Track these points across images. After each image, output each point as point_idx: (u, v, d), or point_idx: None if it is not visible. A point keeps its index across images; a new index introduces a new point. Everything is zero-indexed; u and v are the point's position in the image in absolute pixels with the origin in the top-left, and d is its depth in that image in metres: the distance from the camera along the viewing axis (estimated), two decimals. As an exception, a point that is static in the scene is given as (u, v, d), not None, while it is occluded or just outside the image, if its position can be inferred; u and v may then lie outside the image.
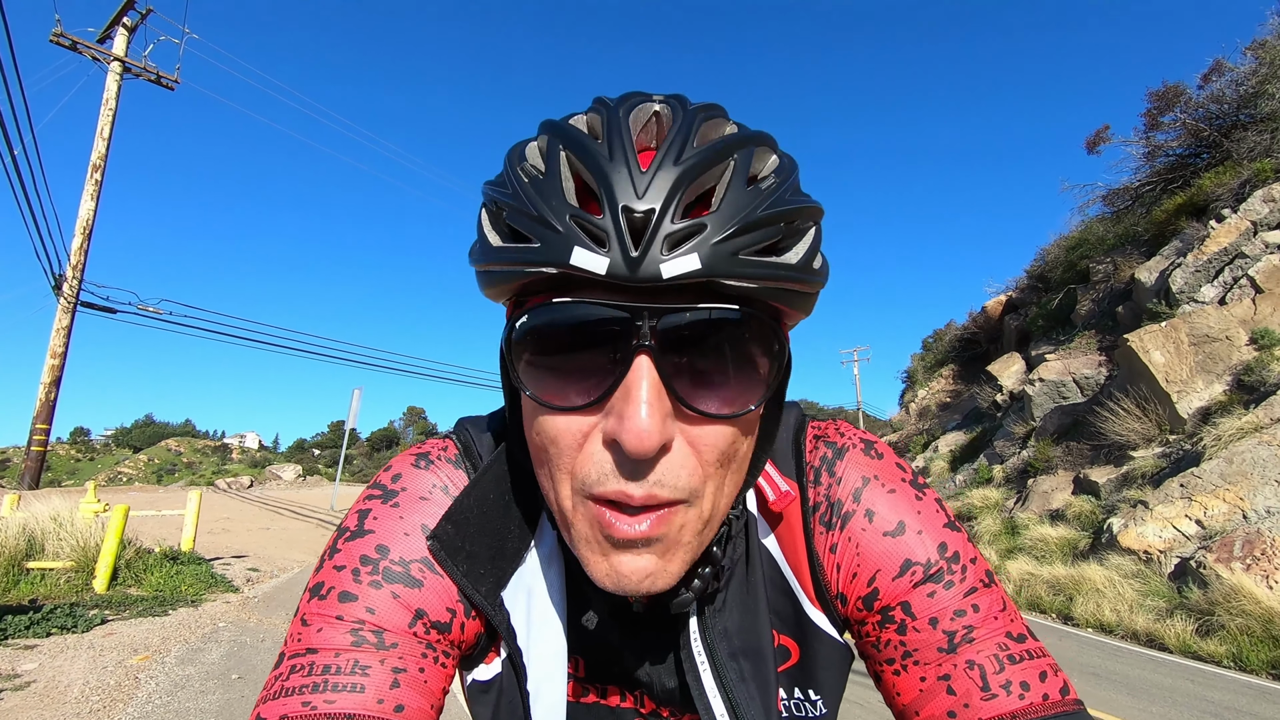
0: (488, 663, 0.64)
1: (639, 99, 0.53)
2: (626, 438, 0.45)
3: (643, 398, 0.45)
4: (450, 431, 0.71)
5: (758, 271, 0.47)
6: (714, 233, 0.45)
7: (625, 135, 0.48)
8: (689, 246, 0.45)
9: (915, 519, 0.64)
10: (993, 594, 0.62)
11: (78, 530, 7.95)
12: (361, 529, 0.60)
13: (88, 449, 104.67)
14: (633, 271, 0.44)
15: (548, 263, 0.46)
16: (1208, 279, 13.81)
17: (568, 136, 0.50)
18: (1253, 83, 15.74)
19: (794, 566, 0.67)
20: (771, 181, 0.50)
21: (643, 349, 0.46)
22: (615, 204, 0.45)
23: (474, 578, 0.59)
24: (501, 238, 0.51)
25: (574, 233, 0.46)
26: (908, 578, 0.62)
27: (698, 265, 0.44)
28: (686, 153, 0.47)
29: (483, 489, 0.63)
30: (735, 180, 0.48)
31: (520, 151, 0.54)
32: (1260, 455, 9.63)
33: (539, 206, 0.48)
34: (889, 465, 0.68)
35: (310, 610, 0.56)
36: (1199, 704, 5.56)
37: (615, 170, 0.46)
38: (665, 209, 0.45)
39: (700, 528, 0.52)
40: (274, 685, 0.53)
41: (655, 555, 0.50)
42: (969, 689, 0.57)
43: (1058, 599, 9.54)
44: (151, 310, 16.03)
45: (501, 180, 0.53)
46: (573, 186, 0.49)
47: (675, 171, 0.46)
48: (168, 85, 17.51)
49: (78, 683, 4.60)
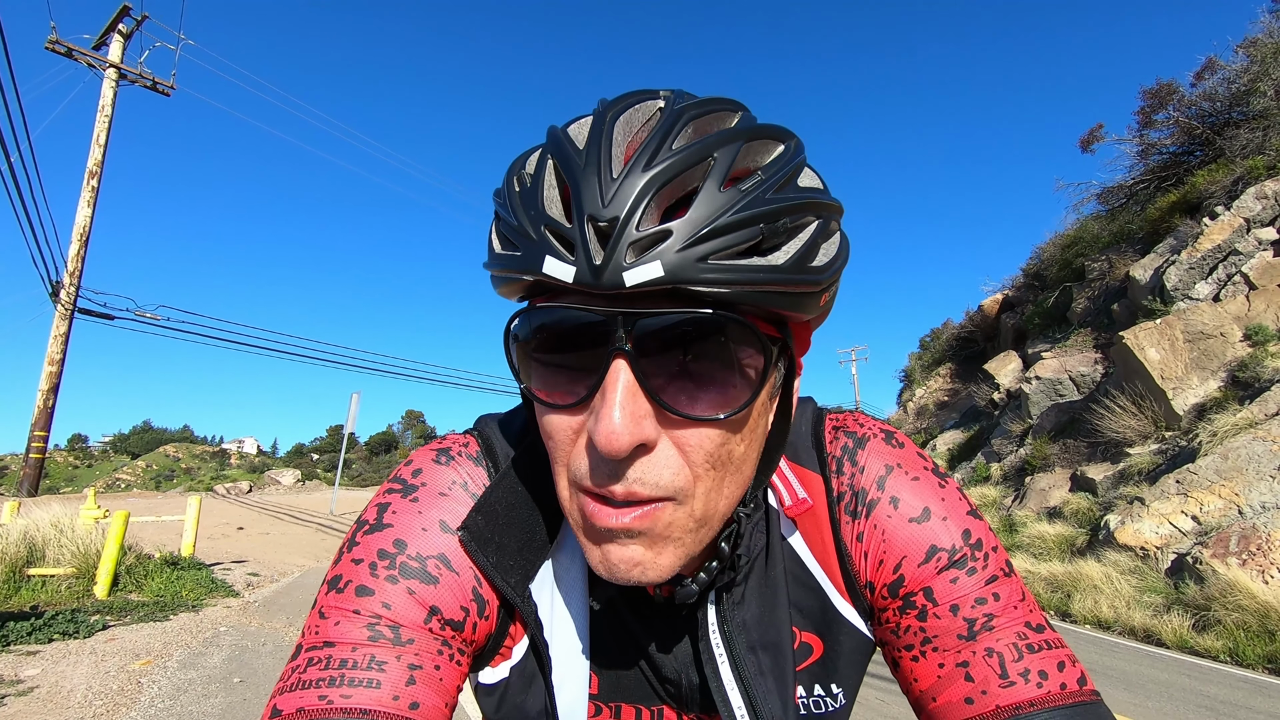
0: (495, 665, 0.64)
1: (635, 99, 0.52)
2: (598, 438, 0.46)
3: (616, 400, 0.46)
4: (471, 428, 0.71)
5: (730, 276, 0.46)
6: (679, 239, 0.45)
7: (605, 140, 0.48)
8: (654, 253, 0.45)
9: (940, 505, 0.65)
10: (1013, 583, 0.62)
11: (78, 537, 7.95)
12: (380, 522, 0.60)
13: (86, 455, 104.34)
14: (597, 279, 0.45)
15: (525, 270, 0.48)
16: (1202, 276, 13.88)
17: (556, 145, 0.51)
18: (1245, 80, 15.83)
19: (820, 558, 0.68)
20: (758, 180, 0.49)
21: (619, 352, 0.47)
22: (582, 212, 0.46)
23: (504, 569, 0.60)
24: (502, 245, 0.53)
25: (546, 241, 0.47)
26: (933, 564, 0.62)
27: (660, 273, 0.44)
28: (661, 155, 0.47)
29: (509, 483, 0.63)
30: (710, 182, 0.47)
31: (521, 161, 0.55)
32: (1255, 451, 9.68)
33: (520, 216, 0.50)
34: (910, 454, 0.69)
35: (328, 603, 0.56)
36: (1196, 699, 5.59)
37: (585, 178, 0.47)
38: (630, 216, 0.45)
39: (694, 526, 0.52)
40: (291, 677, 0.53)
41: (642, 547, 0.51)
42: (987, 676, 0.57)
43: (1055, 596, 9.56)
44: (149, 316, 16.02)
45: (501, 190, 0.55)
46: (558, 195, 0.50)
47: (644, 177, 0.46)
48: (164, 91, 17.50)
49: (80, 688, 4.61)
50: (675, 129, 0.49)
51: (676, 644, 0.66)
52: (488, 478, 0.65)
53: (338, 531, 18.96)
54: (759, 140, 0.51)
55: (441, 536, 0.60)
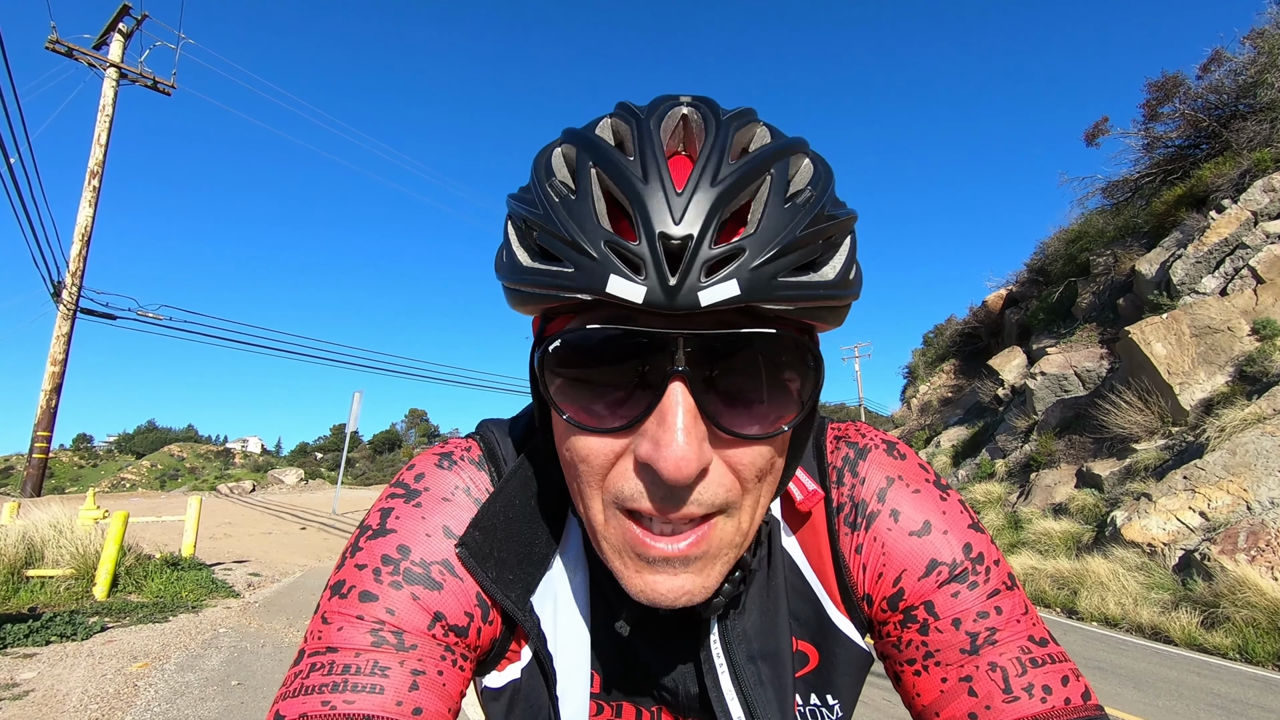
0: (500, 669, 0.64)
1: (667, 104, 0.51)
2: (664, 466, 0.45)
3: (679, 425, 0.45)
4: (473, 433, 0.71)
5: (796, 293, 0.46)
6: (753, 256, 0.44)
7: (658, 151, 0.47)
8: (728, 272, 0.43)
9: (940, 519, 0.64)
10: (1015, 596, 0.61)
11: (77, 537, 7.95)
12: (384, 528, 0.60)
13: (90, 455, 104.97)
14: (670, 300, 0.43)
15: (583, 289, 0.45)
16: (1208, 270, 13.76)
17: (597, 152, 0.49)
18: (1251, 72, 15.66)
19: (817, 569, 0.67)
20: (808, 195, 0.49)
21: (677, 374, 0.46)
22: (652, 230, 0.43)
23: (503, 583, 0.59)
24: (531, 256, 0.49)
25: (609, 260, 0.44)
26: (933, 578, 0.61)
27: (737, 292, 0.43)
28: (723, 170, 0.46)
29: (508, 494, 0.63)
30: (773, 197, 0.47)
31: (547, 163, 0.52)
32: (1263, 446, 9.59)
33: (571, 230, 0.46)
34: (912, 466, 0.69)
35: (331, 608, 0.56)
36: (1205, 697, 5.53)
37: (650, 192, 0.45)
38: (704, 234, 0.43)
39: (738, 540, 0.52)
40: (294, 682, 0.53)
41: (693, 574, 0.50)
42: (991, 690, 0.56)
43: (1062, 593, 9.51)
44: (151, 316, 16.04)
45: (530, 196, 0.51)
46: (604, 207, 0.47)
47: (713, 194, 0.44)
48: (164, 91, 17.52)
49: (76, 691, 4.57)
50: (729, 142, 0.48)
51: (677, 652, 0.66)
52: (490, 482, 0.65)
53: (339, 530, 18.98)
54: (796, 154, 0.51)
55: (445, 542, 0.59)
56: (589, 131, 0.52)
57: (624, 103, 0.54)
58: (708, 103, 0.52)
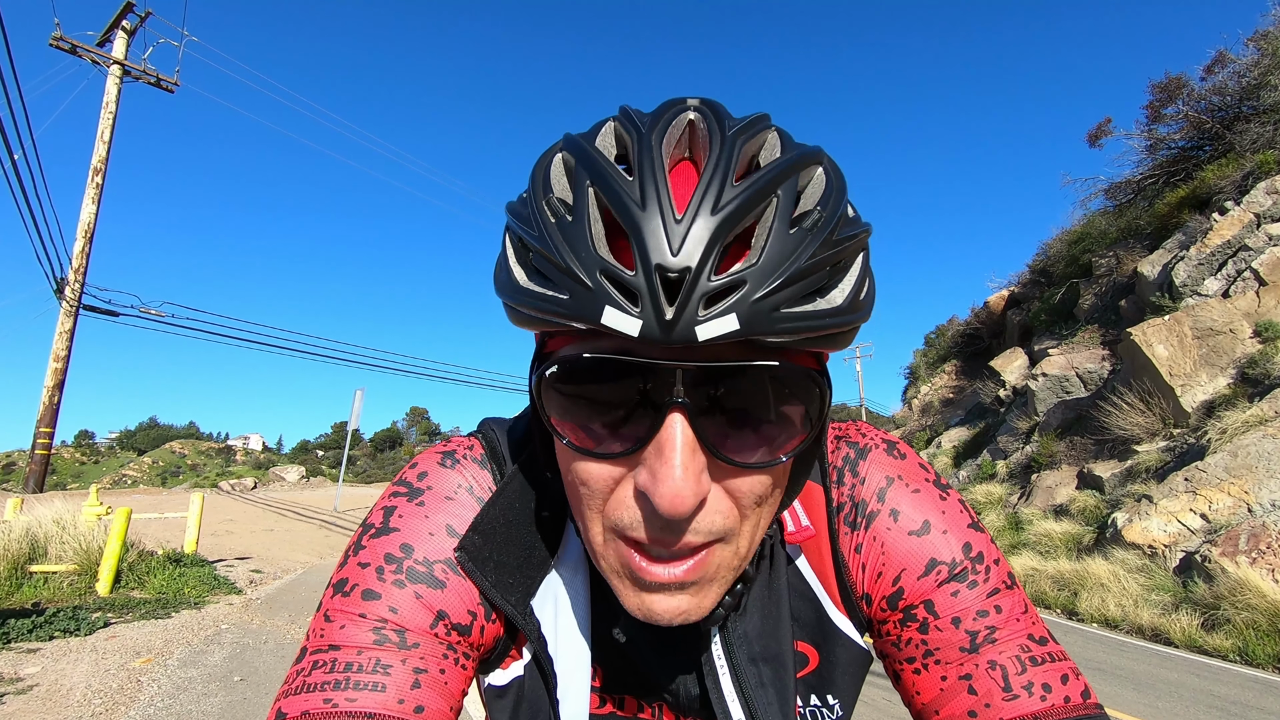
0: (504, 667, 0.65)
1: (671, 112, 0.50)
2: (660, 500, 0.44)
3: (676, 460, 0.44)
4: (475, 431, 0.71)
5: (799, 324, 0.44)
6: (754, 288, 0.42)
7: (659, 170, 0.45)
8: (727, 305, 0.42)
9: (940, 518, 0.64)
10: (1015, 595, 0.62)
11: (80, 534, 7.96)
12: (387, 526, 0.60)
13: (92, 452, 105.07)
14: (666, 334, 0.42)
15: (576, 318, 0.44)
16: (1211, 272, 13.74)
17: (595, 170, 0.47)
18: (1255, 74, 15.63)
19: (817, 569, 0.67)
20: (817, 216, 0.46)
21: (675, 405, 0.45)
22: (649, 261, 0.42)
23: (503, 587, 0.59)
24: (529, 276, 0.48)
25: (604, 290, 0.43)
26: (933, 577, 0.61)
27: (736, 326, 0.42)
28: (726, 194, 0.44)
29: (508, 498, 0.62)
30: (778, 222, 0.45)
31: (545, 175, 0.50)
32: (1265, 448, 9.58)
33: (566, 256, 0.45)
34: (912, 465, 0.68)
35: (333, 606, 0.56)
36: (1205, 699, 5.53)
37: (648, 220, 0.43)
38: (703, 265, 0.42)
39: (736, 563, 0.52)
40: (296, 680, 0.53)
41: (689, 595, 0.50)
42: (990, 689, 0.57)
43: (1062, 594, 9.51)
44: (154, 313, 16.07)
45: (527, 213, 0.50)
46: (601, 230, 0.46)
47: (713, 222, 0.42)
48: (167, 88, 17.55)
49: (80, 686, 4.60)
50: (734, 160, 0.46)
51: (678, 655, 0.66)
52: (493, 481, 0.64)
53: (341, 528, 19.00)
54: (808, 168, 0.49)
55: (448, 540, 0.59)
56: (589, 143, 0.50)
57: (627, 109, 0.53)
58: (715, 109, 0.50)
